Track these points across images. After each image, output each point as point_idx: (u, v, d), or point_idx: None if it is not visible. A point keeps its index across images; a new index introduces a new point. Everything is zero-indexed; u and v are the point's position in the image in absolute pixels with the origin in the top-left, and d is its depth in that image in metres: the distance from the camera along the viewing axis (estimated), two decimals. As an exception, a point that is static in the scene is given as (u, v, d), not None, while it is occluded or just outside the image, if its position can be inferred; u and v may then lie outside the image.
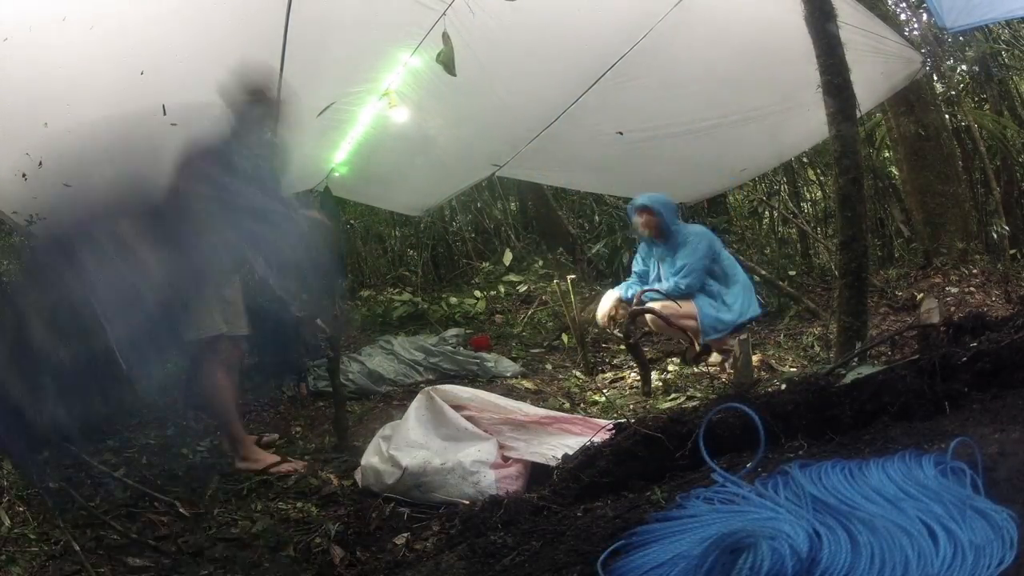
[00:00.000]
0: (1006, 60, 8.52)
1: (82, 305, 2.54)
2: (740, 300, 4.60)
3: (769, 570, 1.21)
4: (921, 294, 5.50)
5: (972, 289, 5.55)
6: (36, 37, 3.14)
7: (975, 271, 5.93)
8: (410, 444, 2.99)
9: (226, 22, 3.55)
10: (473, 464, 2.83)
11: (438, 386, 3.34)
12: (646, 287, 4.61)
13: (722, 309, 4.53)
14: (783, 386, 2.38)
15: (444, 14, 3.73)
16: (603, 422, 3.06)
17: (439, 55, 3.57)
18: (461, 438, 3.00)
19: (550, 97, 5.00)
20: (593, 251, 8.34)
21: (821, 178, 9.63)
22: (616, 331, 4.85)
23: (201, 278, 3.04)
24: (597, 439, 2.49)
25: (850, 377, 2.26)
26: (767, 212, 9.97)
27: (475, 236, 9.69)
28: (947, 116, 7.52)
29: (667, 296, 4.48)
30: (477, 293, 7.99)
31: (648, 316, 4.50)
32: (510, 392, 4.84)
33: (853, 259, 3.37)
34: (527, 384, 5.05)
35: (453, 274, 9.82)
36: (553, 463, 2.66)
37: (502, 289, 7.78)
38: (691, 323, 4.47)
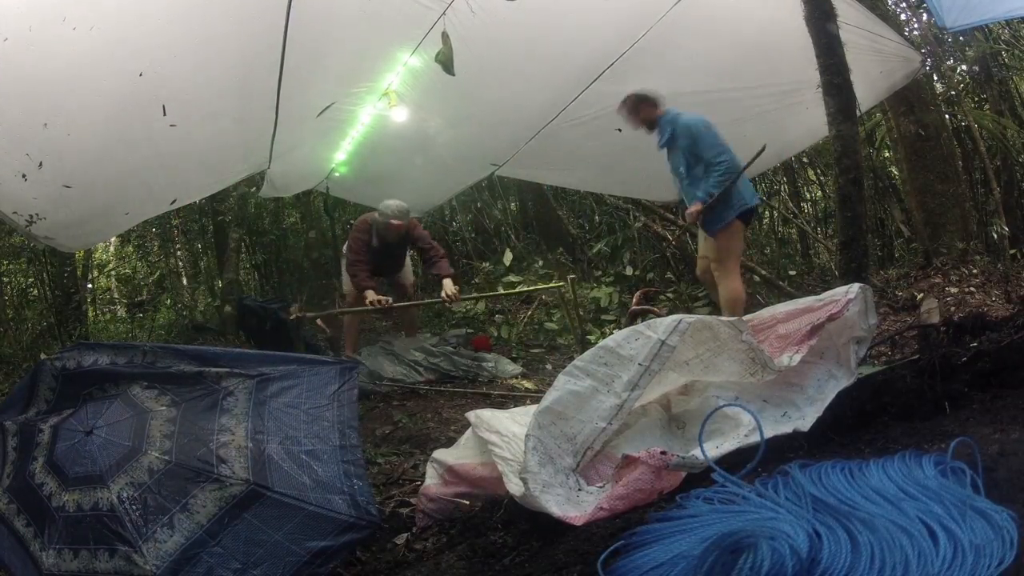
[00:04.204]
0: (1006, 60, 8.50)
1: None
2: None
3: (769, 570, 1.21)
4: (921, 294, 5.48)
5: (972, 289, 5.53)
6: (36, 37, 3.13)
7: (975, 271, 5.91)
8: None
9: (226, 23, 3.55)
10: None
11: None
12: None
13: None
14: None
15: (444, 14, 3.73)
16: None
17: (438, 55, 3.57)
18: None
19: (549, 96, 5.00)
20: (593, 251, 8.34)
21: (821, 178, 9.63)
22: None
23: None
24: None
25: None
26: (767, 212, 9.96)
27: (475, 236, 9.69)
28: (947, 116, 7.51)
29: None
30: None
31: None
32: (510, 392, 4.85)
33: (853, 259, 3.36)
34: (527, 384, 5.05)
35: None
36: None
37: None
38: None
